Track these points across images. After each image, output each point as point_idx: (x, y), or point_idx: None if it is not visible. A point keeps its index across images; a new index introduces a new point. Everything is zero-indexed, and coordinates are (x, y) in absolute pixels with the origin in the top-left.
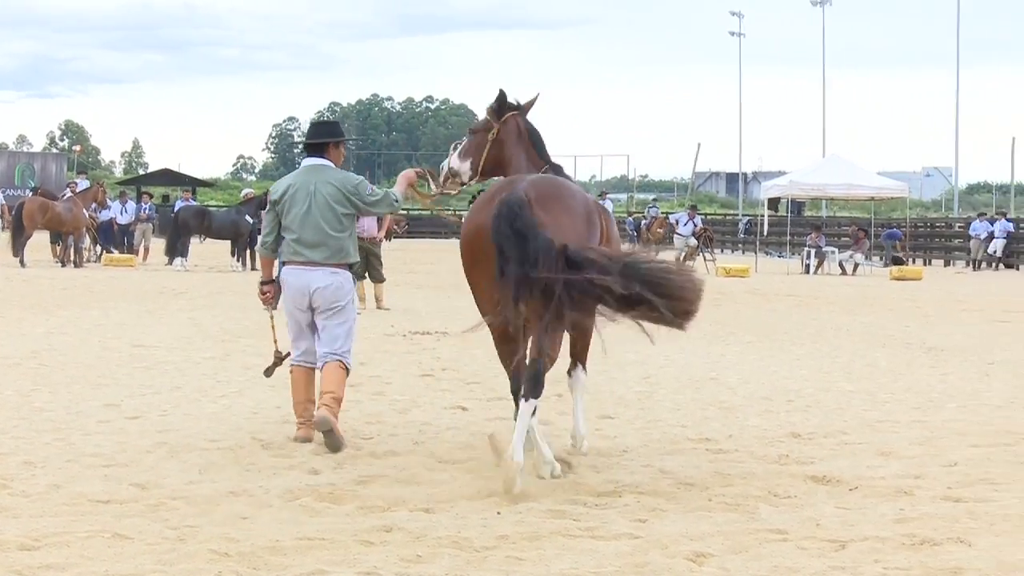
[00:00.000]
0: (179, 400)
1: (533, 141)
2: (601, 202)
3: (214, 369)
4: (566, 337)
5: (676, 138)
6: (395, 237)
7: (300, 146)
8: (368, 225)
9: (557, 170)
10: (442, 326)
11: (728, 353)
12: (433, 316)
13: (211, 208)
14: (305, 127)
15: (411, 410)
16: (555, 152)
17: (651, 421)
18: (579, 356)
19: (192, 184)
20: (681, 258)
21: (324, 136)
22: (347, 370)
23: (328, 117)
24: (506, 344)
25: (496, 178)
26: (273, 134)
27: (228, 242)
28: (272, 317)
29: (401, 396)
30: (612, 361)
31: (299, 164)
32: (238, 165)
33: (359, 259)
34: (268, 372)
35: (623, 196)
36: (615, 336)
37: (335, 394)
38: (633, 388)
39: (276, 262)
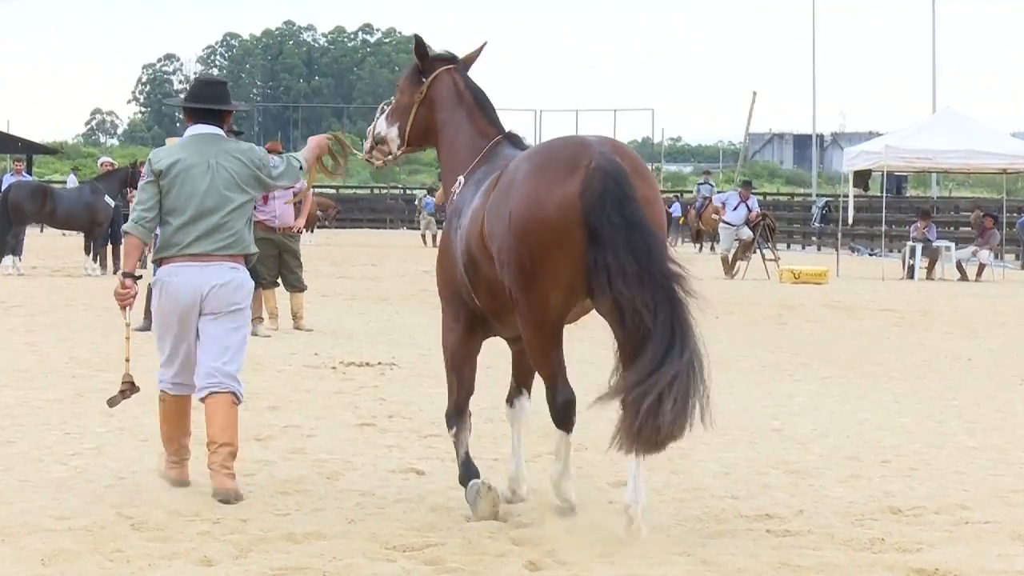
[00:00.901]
0: (12, 460)
1: (479, 102)
2: None
3: (62, 416)
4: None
5: (721, 86)
6: (319, 227)
7: (180, 109)
8: (281, 211)
9: (514, 140)
10: (388, 354)
11: (798, 393)
12: (375, 340)
13: (54, 186)
14: (188, 69)
15: (344, 474)
16: (553, 105)
17: (690, 490)
18: (523, 380)
19: (27, 151)
20: (730, 256)
21: (214, 101)
22: (238, 402)
23: (213, 73)
24: (558, 339)
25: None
26: (143, 79)
27: (80, 233)
28: (128, 326)
29: (330, 455)
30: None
31: (179, 122)
32: (93, 124)
33: (258, 251)
34: (112, 401)
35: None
36: None
37: (231, 446)
38: None
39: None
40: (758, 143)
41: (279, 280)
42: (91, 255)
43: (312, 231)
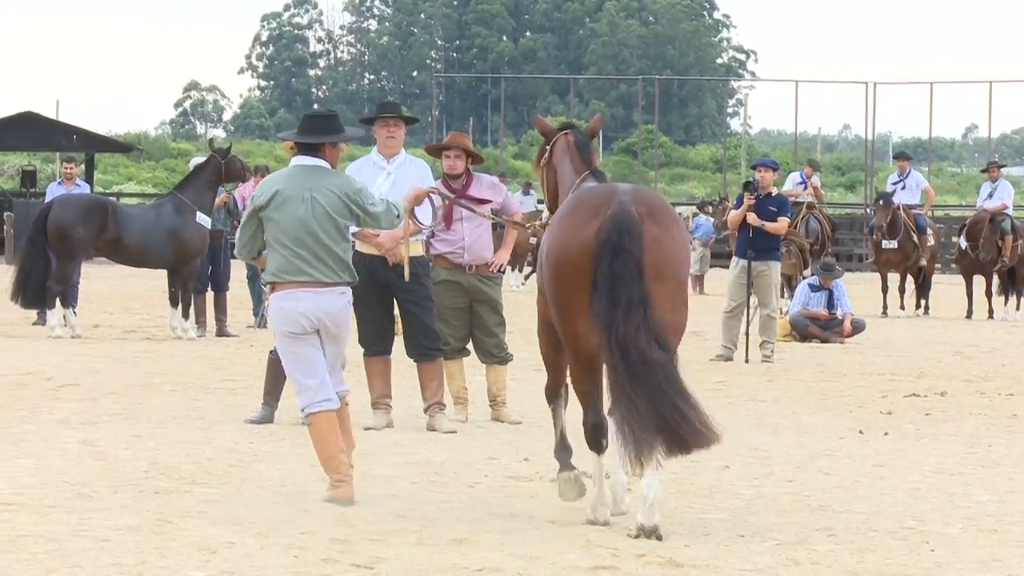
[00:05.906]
0: None
1: (579, 148)
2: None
3: (139, 553)
4: None
5: None
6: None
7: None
8: (473, 239)
9: (599, 176)
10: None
11: None
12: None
13: (123, 201)
14: (332, 22)
15: None
16: (894, 77)
17: None
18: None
19: (87, 147)
20: None
21: (318, 133)
22: (346, 398)
23: (321, 108)
24: (588, 372)
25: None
26: (263, 37)
27: (162, 273)
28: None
29: None
30: (988, 539)
31: (316, 101)
32: (187, 106)
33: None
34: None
35: None
36: (994, 485)
37: (352, 444)
38: None
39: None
40: None
41: (469, 346)
42: (179, 306)
43: (520, 270)
